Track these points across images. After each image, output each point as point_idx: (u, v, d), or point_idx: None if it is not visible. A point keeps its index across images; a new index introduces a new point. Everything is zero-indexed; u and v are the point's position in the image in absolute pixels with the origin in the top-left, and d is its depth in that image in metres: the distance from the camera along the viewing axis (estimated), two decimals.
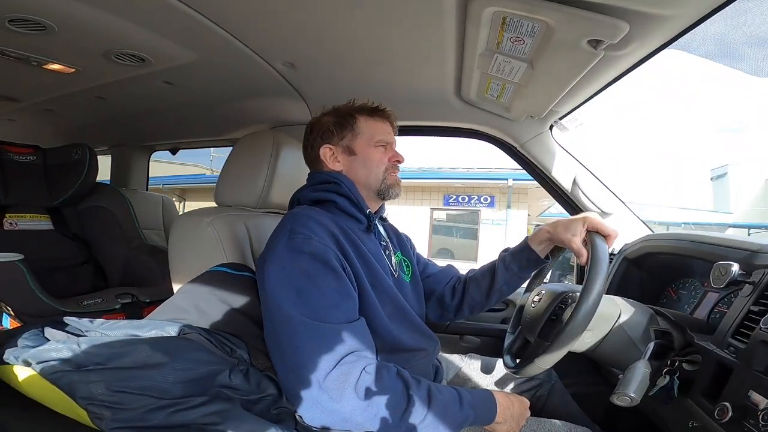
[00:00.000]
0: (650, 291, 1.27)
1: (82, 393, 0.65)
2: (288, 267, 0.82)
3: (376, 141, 1.05)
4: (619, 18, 0.82)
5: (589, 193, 1.44)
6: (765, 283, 0.81)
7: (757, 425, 0.64)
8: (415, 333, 1.01)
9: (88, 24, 1.10)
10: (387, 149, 1.07)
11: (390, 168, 1.06)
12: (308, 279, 0.81)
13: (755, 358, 0.72)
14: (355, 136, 1.05)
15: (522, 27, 0.92)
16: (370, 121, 1.07)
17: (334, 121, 1.07)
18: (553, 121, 1.45)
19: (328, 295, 0.81)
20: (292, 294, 0.80)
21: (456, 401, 0.82)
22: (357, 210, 1.01)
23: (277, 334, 0.79)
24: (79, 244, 1.96)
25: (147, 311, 1.63)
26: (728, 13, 0.82)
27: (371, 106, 1.09)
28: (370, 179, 1.05)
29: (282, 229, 0.89)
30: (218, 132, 2.09)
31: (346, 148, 1.05)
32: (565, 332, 0.82)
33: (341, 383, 0.74)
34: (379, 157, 1.05)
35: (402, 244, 1.20)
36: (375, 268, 0.95)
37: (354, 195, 1.01)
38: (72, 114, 1.98)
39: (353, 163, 1.05)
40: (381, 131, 1.07)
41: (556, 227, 1.02)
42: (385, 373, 0.78)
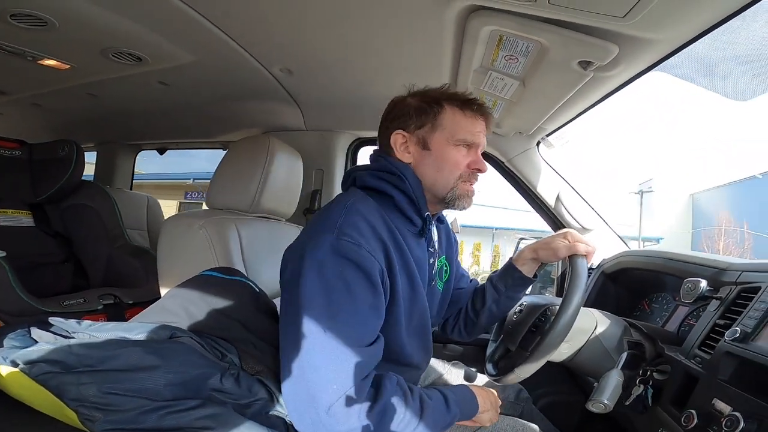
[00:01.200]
0: (625, 304, 1.32)
1: (72, 395, 0.65)
2: (328, 271, 0.74)
3: (458, 139, 0.89)
4: (610, 41, 0.87)
5: (571, 209, 1.49)
6: (731, 299, 0.86)
7: (720, 431, 0.69)
8: (423, 349, 0.96)
9: (89, 21, 1.10)
10: (470, 151, 0.92)
11: (466, 176, 0.91)
12: (346, 289, 0.74)
13: (720, 368, 0.77)
14: (434, 128, 0.90)
15: (517, 46, 0.96)
16: (458, 114, 0.90)
17: (416, 105, 0.92)
18: (540, 138, 1.50)
19: (361, 309, 0.75)
20: (324, 301, 0.73)
21: (443, 404, 0.82)
22: (414, 212, 0.90)
23: (298, 343, 0.72)
24: (60, 242, 1.92)
25: (130, 313, 1.61)
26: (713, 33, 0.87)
27: (466, 96, 0.92)
28: (438, 183, 0.90)
29: (331, 221, 0.79)
30: (209, 134, 2.09)
31: (421, 140, 0.91)
32: (544, 343, 0.87)
33: (348, 409, 0.70)
34: (456, 160, 0.90)
35: (449, 247, 1.09)
36: (416, 279, 0.87)
37: (416, 196, 0.89)
38: (60, 109, 1.95)
39: (424, 158, 0.90)
40: (467, 129, 0.90)
41: (539, 245, 0.99)
42: (388, 387, 0.75)
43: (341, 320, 0.73)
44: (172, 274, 1.13)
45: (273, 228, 1.34)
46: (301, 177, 1.44)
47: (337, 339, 0.71)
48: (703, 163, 11.71)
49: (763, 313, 0.76)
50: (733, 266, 0.93)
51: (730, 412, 0.69)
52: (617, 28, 0.82)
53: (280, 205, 1.36)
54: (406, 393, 0.77)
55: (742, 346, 0.75)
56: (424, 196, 0.90)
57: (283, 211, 1.40)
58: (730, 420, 0.67)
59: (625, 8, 0.75)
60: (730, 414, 0.69)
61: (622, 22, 0.79)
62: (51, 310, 1.46)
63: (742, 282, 0.88)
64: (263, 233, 1.28)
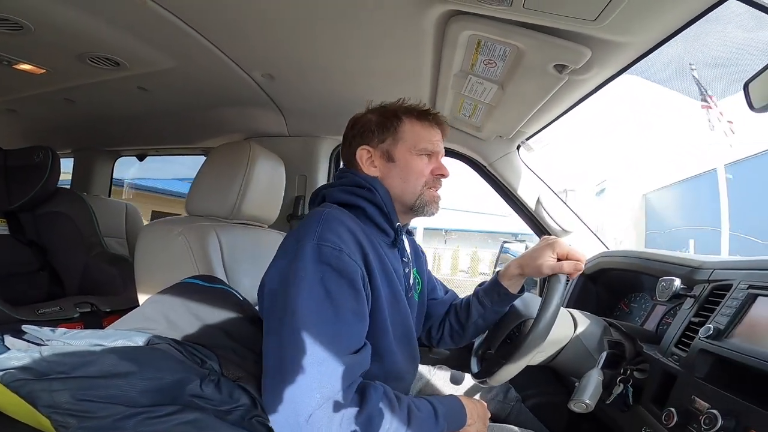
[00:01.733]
0: (605, 304, 1.35)
1: (44, 402, 0.63)
2: (311, 278, 0.75)
3: (419, 149, 0.95)
4: (583, 44, 0.90)
5: (551, 212, 1.51)
6: (704, 296, 0.88)
7: (700, 428, 0.69)
8: (410, 359, 0.97)
9: (65, 25, 1.08)
10: (432, 159, 0.97)
11: (431, 182, 0.96)
12: (328, 296, 0.74)
13: (696, 366, 0.78)
14: (396, 141, 0.95)
15: (495, 50, 0.98)
16: (416, 125, 0.96)
17: (377, 121, 0.97)
18: (520, 142, 1.52)
19: (344, 315, 0.75)
20: (307, 307, 0.73)
21: (432, 416, 0.80)
22: (386, 222, 0.93)
23: (282, 348, 0.72)
24: (34, 250, 1.88)
25: (107, 321, 1.58)
26: (686, 37, 0.91)
27: (422, 108, 0.98)
28: (405, 192, 0.95)
29: (310, 230, 0.79)
30: (191, 140, 2.07)
31: (385, 153, 0.95)
32: (513, 356, 0.88)
33: (330, 417, 0.69)
34: (420, 169, 0.95)
35: (418, 259, 1.12)
36: (396, 287, 0.90)
37: (387, 206, 0.92)
38: (36, 115, 1.92)
39: (390, 170, 0.95)
40: (427, 138, 0.96)
41: (525, 261, 0.97)
42: (373, 396, 0.74)
43: (325, 327, 0.73)
44: (149, 281, 1.11)
45: (255, 235, 1.33)
46: (284, 183, 1.43)
47: (321, 346, 0.71)
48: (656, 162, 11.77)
49: (735, 310, 0.78)
50: (706, 264, 0.95)
51: (708, 409, 0.70)
52: (589, 32, 0.85)
53: (262, 211, 1.35)
54: (392, 402, 0.76)
55: (716, 344, 0.76)
56: (394, 207, 0.94)
57: (266, 218, 1.39)
58: (709, 417, 0.68)
59: (596, 11, 0.77)
60: (708, 411, 0.69)
61: (594, 25, 0.81)
62: (25, 319, 1.42)
63: (714, 280, 0.90)
64: (245, 240, 1.27)
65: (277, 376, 0.71)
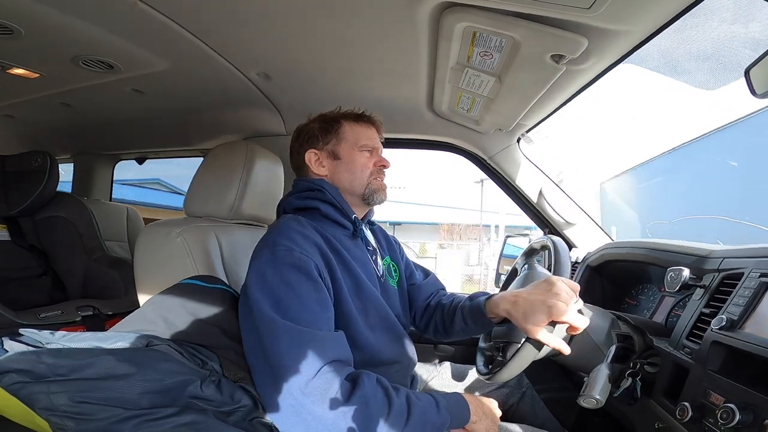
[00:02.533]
0: (612, 297, 1.33)
1: (42, 404, 0.63)
2: (270, 278, 0.82)
3: (361, 145, 1.05)
4: (579, 33, 0.88)
5: (554, 204, 1.50)
6: (714, 286, 0.86)
7: (716, 423, 0.68)
8: (396, 344, 1.01)
9: (57, 29, 1.07)
10: (372, 154, 1.07)
11: (375, 173, 1.06)
12: (289, 289, 0.81)
13: (709, 358, 0.76)
14: (339, 141, 1.05)
15: (491, 42, 0.97)
16: (355, 126, 1.07)
17: (319, 127, 1.07)
18: (520, 134, 1.51)
19: (308, 305, 0.81)
20: (273, 302, 0.79)
21: (434, 407, 0.82)
22: (342, 216, 1.01)
23: (260, 339, 0.78)
24: (35, 255, 1.87)
25: (109, 324, 1.57)
26: (675, 29, 0.89)
27: (357, 112, 1.10)
28: (354, 184, 1.04)
29: (266, 241, 0.89)
30: (189, 142, 2.06)
31: (330, 153, 1.05)
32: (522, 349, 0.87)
33: (324, 390, 0.73)
34: (363, 162, 1.04)
35: (391, 248, 1.19)
36: (359, 276, 0.95)
37: (338, 201, 1.01)
38: (34, 120, 1.91)
39: (338, 167, 1.05)
40: (366, 136, 1.07)
41: (517, 310, 0.88)
42: (366, 381, 0.77)
43: (292, 314, 0.78)
44: (149, 283, 1.10)
45: (254, 235, 1.32)
46: (282, 182, 1.42)
47: (293, 328, 0.77)
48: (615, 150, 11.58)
49: (748, 299, 0.76)
50: (715, 253, 0.93)
51: (724, 403, 0.68)
52: (585, 20, 0.83)
53: (261, 211, 1.34)
54: (388, 389, 0.79)
55: (729, 335, 0.74)
56: (346, 201, 1.03)
57: (265, 217, 1.38)
58: (725, 411, 0.66)
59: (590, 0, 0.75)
60: (724, 405, 0.67)
61: (589, 13, 0.80)
62: (27, 323, 1.42)
63: (724, 269, 0.88)
64: (244, 240, 1.26)
65: (263, 365, 0.77)
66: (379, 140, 1.10)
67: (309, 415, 0.72)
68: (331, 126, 1.06)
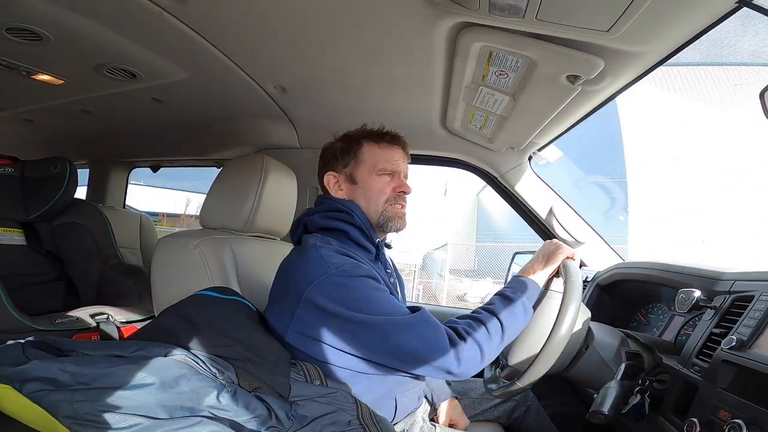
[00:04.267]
0: (621, 315, 1.33)
1: (66, 412, 0.63)
2: (359, 293, 0.87)
3: (379, 169, 1.02)
4: (596, 55, 0.89)
5: (564, 223, 1.50)
6: (725, 308, 0.87)
7: None
8: None
9: (84, 37, 1.10)
10: (393, 178, 1.04)
11: (392, 199, 1.03)
12: (380, 293, 0.88)
13: (718, 376, 0.77)
14: (358, 164, 1.03)
15: (507, 61, 0.98)
16: (374, 147, 1.04)
17: (340, 147, 1.06)
18: (531, 153, 1.52)
19: (396, 301, 0.89)
20: (376, 310, 0.85)
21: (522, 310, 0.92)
22: (367, 240, 1.00)
23: (388, 341, 0.84)
24: (51, 260, 1.90)
25: (123, 331, 1.59)
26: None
27: (379, 131, 1.06)
28: (369, 210, 1.02)
29: (320, 265, 0.89)
30: (203, 152, 2.09)
31: (349, 176, 1.04)
32: (532, 366, 0.90)
33: (463, 348, 0.84)
34: (380, 187, 1.02)
35: (399, 279, 1.17)
36: (393, 294, 0.97)
37: (365, 226, 1.00)
38: (52, 126, 1.95)
39: (355, 192, 1.03)
40: (385, 159, 1.03)
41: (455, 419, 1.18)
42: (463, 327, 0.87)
43: (391, 311, 0.86)
44: (166, 293, 1.12)
45: (268, 247, 1.34)
46: (296, 196, 1.44)
47: (403, 320, 0.84)
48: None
49: (758, 321, 0.77)
50: (726, 275, 0.94)
51: (731, 419, 0.69)
52: (602, 42, 0.85)
53: (275, 224, 1.35)
54: (470, 320, 0.89)
55: (739, 354, 0.75)
56: (372, 226, 1.02)
57: (278, 230, 1.39)
58: (732, 427, 0.67)
59: (609, 23, 0.77)
60: (731, 421, 0.68)
61: (607, 36, 0.81)
62: (43, 328, 1.44)
63: (735, 291, 0.89)
64: (258, 253, 1.27)
65: (409, 358, 0.85)
66: (403, 161, 1.07)
67: (483, 352, 0.85)
68: (351, 147, 1.04)
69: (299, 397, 0.83)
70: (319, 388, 0.87)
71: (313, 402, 0.83)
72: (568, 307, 0.89)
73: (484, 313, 0.90)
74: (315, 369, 0.92)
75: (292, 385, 0.85)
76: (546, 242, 1.05)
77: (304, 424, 0.79)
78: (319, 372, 0.91)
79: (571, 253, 1.00)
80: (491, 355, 0.87)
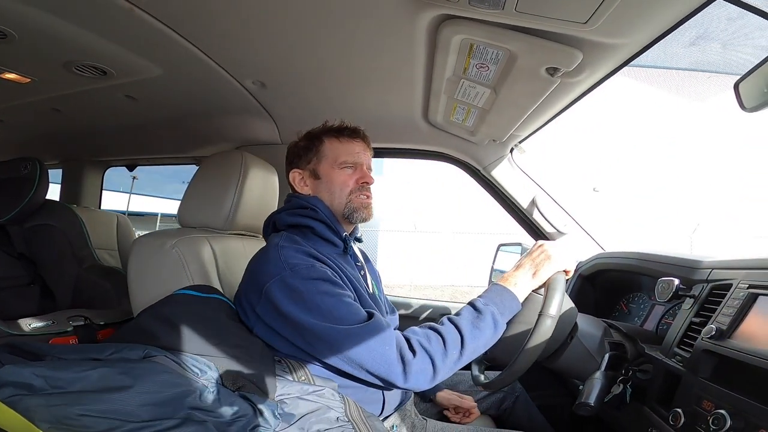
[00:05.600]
0: (603, 305, 1.35)
1: (42, 417, 0.62)
2: (307, 297, 0.85)
3: (341, 163, 1.05)
4: (574, 47, 0.90)
5: (546, 214, 1.52)
6: (704, 297, 0.89)
7: (708, 429, 0.69)
8: None
9: (50, 34, 1.06)
10: (356, 170, 1.06)
11: (357, 190, 1.05)
12: (331, 297, 0.86)
13: (700, 366, 0.78)
14: (320, 160, 1.06)
15: (487, 54, 0.99)
16: (335, 142, 1.07)
17: (303, 145, 1.09)
18: (513, 145, 1.53)
19: (350, 305, 0.88)
20: (323, 317, 0.84)
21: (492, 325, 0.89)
22: (333, 234, 1.02)
23: (334, 350, 0.84)
24: (24, 263, 1.83)
25: (102, 334, 1.54)
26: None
27: (339, 126, 1.09)
28: (334, 203, 1.05)
29: (276, 265, 0.90)
30: (181, 149, 2.04)
31: (312, 172, 1.07)
32: (517, 358, 0.89)
33: (413, 361, 0.82)
34: (342, 180, 1.05)
35: (369, 264, 1.19)
36: (357, 290, 0.97)
37: (330, 220, 1.02)
38: (23, 125, 1.88)
39: (318, 186, 1.06)
40: (346, 152, 1.06)
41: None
42: (414, 339, 0.86)
43: (344, 317, 0.85)
44: (144, 294, 1.08)
45: (249, 245, 1.31)
46: (277, 192, 1.41)
47: (358, 326, 0.84)
48: None
49: (737, 310, 0.78)
50: (704, 264, 0.96)
51: (714, 410, 0.70)
52: (581, 34, 0.85)
53: (256, 221, 1.33)
54: (429, 330, 0.88)
55: (719, 344, 0.76)
56: (337, 219, 1.04)
57: (260, 227, 1.36)
58: (716, 418, 0.68)
59: (587, 14, 0.78)
60: (715, 412, 0.69)
61: (585, 27, 0.82)
62: (17, 333, 1.39)
63: (713, 279, 0.90)
64: (239, 250, 1.25)
65: (353, 367, 0.84)
66: (365, 154, 1.10)
67: (434, 367, 0.84)
68: (313, 144, 1.08)
69: (285, 394, 0.83)
70: (305, 385, 0.86)
71: (299, 399, 0.82)
72: (544, 321, 0.87)
73: (447, 324, 0.88)
74: (300, 365, 0.91)
75: (277, 383, 0.84)
76: (537, 247, 0.97)
77: (291, 422, 0.78)
78: (305, 369, 0.90)
79: (565, 268, 0.94)
80: (446, 370, 0.85)
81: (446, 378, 0.87)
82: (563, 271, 0.94)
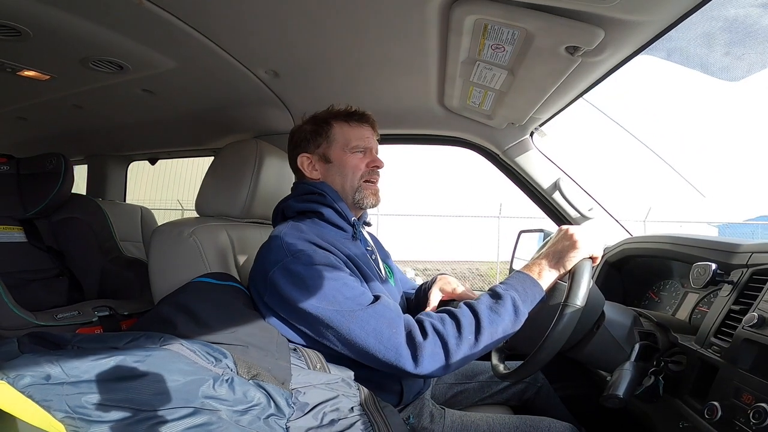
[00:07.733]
0: (632, 293, 1.29)
1: (58, 406, 0.63)
2: (310, 282, 0.84)
3: (352, 147, 1.05)
4: (595, 25, 0.85)
5: (570, 198, 1.46)
6: (744, 282, 0.83)
7: (748, 423, 0.65)
8: None
9: (65, 30, 1.07)
10: (366, 154, 1.06)
11: (367, 174, 1.05)
12: (334, 282, 0.85)
13: (740, 357, 0.73)
14: (330, 144, 1.05)
15: (502, 34, 0.94)
16: (345, 126, 1.06)
17: (310, 129, 1.08)
18: (533, 128, 1.48)
19: (354, 288, 0.86)
20: (327, 301, 0.83)
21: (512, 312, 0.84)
22: (342, 219, 1.01)
23: (339, 333, 0.83)
24: (53, 256, 1.89)
25: (126, 324, 1.58)
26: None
27: (348, 110, 1.08)
28: (345, 187, 1.04)
29: (279, 252, 0.90)
30: (199, 141, 2.06)
31: (322, 156, 1.06)
32: (539, 347, 0.84)
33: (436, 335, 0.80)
34: (355, 163, 1.04)
35: (381, 250, 1.19)
36: (367, 275, 0.96)
37: (338, 205, 1.00)
38: (47, 122, 1.93)
39: (329, 170, 1.05)
40: (357, 136, 1.06)
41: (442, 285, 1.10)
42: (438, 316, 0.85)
43: (351, 299, 0.84)
44: (163, 283, 1.10)
45: (266, 233, 1.30)
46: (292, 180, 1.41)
47: (363, 307, 0.83)
48: None
49: None
50: (743, 247, 0.89)
51: (755, 403, 0.65)
52: (601, 11, 0.80)
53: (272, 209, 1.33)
54: (444, 314, 0.85)
55: (762, 333, 0.71)
56: (346, 204, 1.03)
57: None
58: (758, 411, 0.64)
59: None
60: (756, 405, 0.64)
61: (606, 3, 0.77)
62: (45, 324, 1.43)
63: (753, 264, 0.84)
64: (256, 238, 1.25)
65: (360, 350, 0.82)
66: (374, 139, 1.09)
67: (446, 352, 0.80)
68: (321, 128, 1.06)
69: (300, 384, 0.82)
70: (320, 375, 0.85)
71: (314, 389, 0.81)
72: (568, 311, 0.81)
73: (464, 308, 0.84)
74: (316, 354, 0.90)
75: (293, 372, 0.84)
76: (561, 232, 0.91)
77: (305, 411, 0.77)
78: (320, 357, 0.89)
79: (592, 254, 0.88)
80: (460, 356, 0.80)
81: (462, 366, 0.83)
82: (589, 258, 0.88)
